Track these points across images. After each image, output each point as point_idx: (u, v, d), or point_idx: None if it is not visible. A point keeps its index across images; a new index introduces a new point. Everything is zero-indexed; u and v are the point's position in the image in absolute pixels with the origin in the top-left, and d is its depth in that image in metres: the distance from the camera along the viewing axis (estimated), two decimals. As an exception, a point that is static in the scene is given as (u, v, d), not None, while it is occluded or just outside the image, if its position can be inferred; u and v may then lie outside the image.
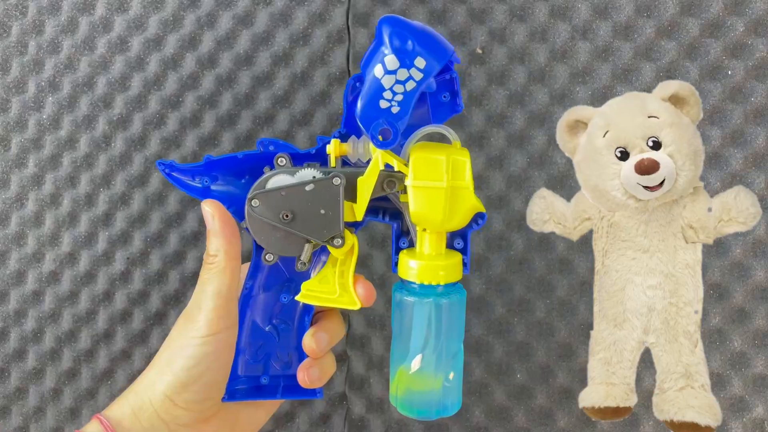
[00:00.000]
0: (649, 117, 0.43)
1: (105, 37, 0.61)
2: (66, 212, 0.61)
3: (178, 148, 0.60)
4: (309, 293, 0.45)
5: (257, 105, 0.60)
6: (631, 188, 0.43)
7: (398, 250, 0.46)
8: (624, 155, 0.43)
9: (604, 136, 0.44)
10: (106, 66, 0.61)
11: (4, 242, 0.62)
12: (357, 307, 0.44)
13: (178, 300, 0.61)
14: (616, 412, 0.46)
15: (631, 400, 0.46)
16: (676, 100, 0.44)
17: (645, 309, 0.45)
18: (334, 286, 0.45)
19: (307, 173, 0.43)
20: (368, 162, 0.43)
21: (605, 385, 0.47)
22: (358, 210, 0.43)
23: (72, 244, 0.61)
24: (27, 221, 0.62)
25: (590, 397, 0.47)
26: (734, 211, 0.44)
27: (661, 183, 0.43)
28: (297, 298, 0.45)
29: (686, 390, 0.45)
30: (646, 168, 0.42)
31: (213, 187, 0.45)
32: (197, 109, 0.60)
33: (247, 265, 0.47)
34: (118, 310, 0.61)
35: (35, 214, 0.62)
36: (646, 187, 0.42)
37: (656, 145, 0.43)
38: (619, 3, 0.58)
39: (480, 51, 0.59)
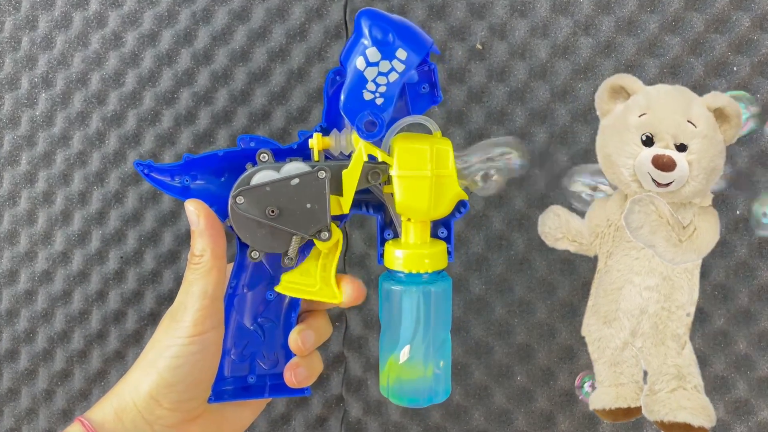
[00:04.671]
0: (688, 121, 0.43)
1: (99, 32, 0.60)
2: (59, 210, 0.60)
3: (173, 145, 0.59)
4: (289, 285, 0.44)
5: (253, 101, 0.59)
6: (640, 174, 0.43)
7: (383, 241, 0.46)
8: (648, 142, 0.44)
9: (639, 117, 0.43)
10: (100, 62, 0.60)
11: (-3, 241, 0.61)
12: (337, 301, 0.44)
13: (172, 300, 0.59)
14: (627, 413, 0.46)
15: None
16: (719, 114, 0.44)
17: (638, 311, 0.46)
18: (315, 278, 0.45)
19: (292, 168, 0.42)
20: (351, 155, 0.43)
21: (615, 386, 0.46)
22: (344, 203, 0.43)
23: (65, 242, 0.60)
24: (19, 220, 0.61)
25: (600, 400, 0.46)
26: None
27: (670, 183, 0.43)
28: (276, 288, 0.44)
29: (678, 391, 0.45)
30: (663, 164, 0.43)
31: (192, 186, 0.44)
32: (192, 106, 0.59)
33: (232, 265, 0.46)
34: (111, 310, 0.60)
35: (28, 212, 0.61)
36: (653, 180, 0.42)
37: (682, 147, 0.43)
38: (622, -2, 0.57)
39: (480, 47, 0.58)
